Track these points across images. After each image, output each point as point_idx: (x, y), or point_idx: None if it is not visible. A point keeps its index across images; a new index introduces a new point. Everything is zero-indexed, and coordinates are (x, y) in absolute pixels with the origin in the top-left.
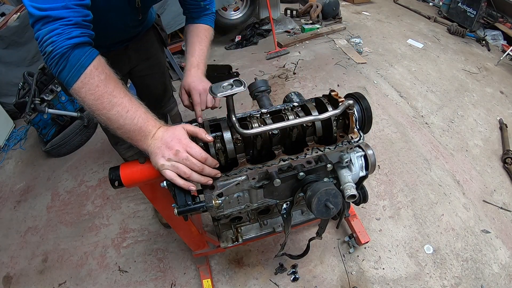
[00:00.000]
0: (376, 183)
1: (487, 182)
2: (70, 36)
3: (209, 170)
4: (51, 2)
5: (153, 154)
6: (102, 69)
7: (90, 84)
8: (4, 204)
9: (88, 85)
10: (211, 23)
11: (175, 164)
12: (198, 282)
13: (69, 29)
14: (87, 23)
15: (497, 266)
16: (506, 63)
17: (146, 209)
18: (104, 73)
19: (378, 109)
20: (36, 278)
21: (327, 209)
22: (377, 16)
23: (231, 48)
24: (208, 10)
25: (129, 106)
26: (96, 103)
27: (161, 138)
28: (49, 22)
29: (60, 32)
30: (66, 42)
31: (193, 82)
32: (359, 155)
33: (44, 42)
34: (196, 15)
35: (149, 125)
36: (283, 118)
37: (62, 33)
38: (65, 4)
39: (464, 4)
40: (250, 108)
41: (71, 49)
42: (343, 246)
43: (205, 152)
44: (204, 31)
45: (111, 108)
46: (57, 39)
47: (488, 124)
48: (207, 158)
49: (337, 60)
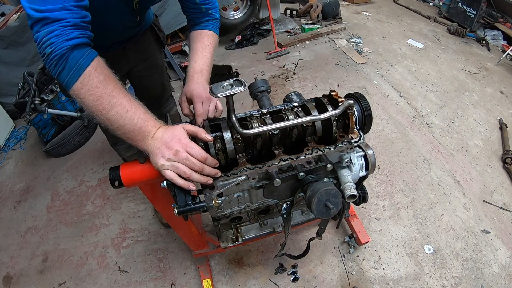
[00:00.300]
0: (376, 183)
1: (487, 182)
2: (69, 37)
3: (209, 170)
4: (49, 4)
5: (153, 154)
6: (101, 70)
7: (89, 85)
8: (4, 204)
9: (87, 86)
10: (214, 29)
11: (175, 164)
12: (198, 282)
13: (67, 30)
14: (85, 24)
15: (497, 266)
16: (506, 63)
17: (146, 209)
18: (103, 74)
19: (378, 109)
20: (36, 278)
21: (327, 209)
22: (377, 16)
23: (231, 48)
24: (211, 16)
25: (128, 106)
26: (96, 104)
27: (160, 138)
28: (47, 23)
29: (59, 33)
30: (65, 43)
31: (196, 89)
32: (359, 155)
33: (43, 44)
34: (198, 21)
35: (148, 125)
36: (283, 118)
37: (61, 34)
38: (64, 6)
39: (464, 4)
40: (250, 108)
41: (70, 51)
42: (343, 246)
43: (205, 151)
44: (207, 37)
45: (110, 108)
46: (56, 41)
47: (488, 124)
48: (207, 158)
49: (337, 60)
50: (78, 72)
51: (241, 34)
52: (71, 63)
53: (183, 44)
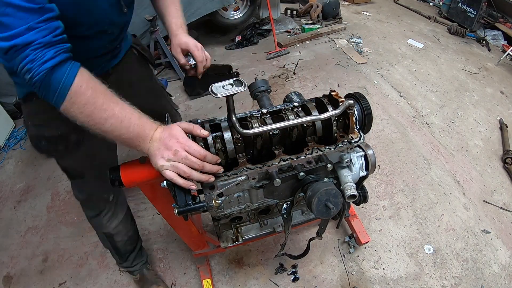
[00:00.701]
0: (376, 183)
1: (487, 182)
2: (44, 60)
3: (210, 167)
4: (13, 27)
5: (152, 156)
6: (87, 85)
7: (78, 103)
8: (4, 204)
9: (76, 105)
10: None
11: (175, 164)
12: (198, 282)
13: (40, 52)
14: (59, 38)
15: (497, 266)
16: (506, 63)
17: (146, 209)
18: (90, 89)
19: (378, 109)
20: (36, 278)
21: (327, 209)
22: (377, 16)
23: (231, 48)
24: None
25: (122, 115)
26: (88, 120)
27: (159, 139)
28: (18, 50)
29: (33, 58)
30: (41, 67)
31: (189, 40)
32: (359, 155)
33: (21, 71)
34: None
35: (145, 129)
36: (283, 118)
37: (34, 58)
38: (29, 26)
39: (464, 4)
40: (250, 108)
41: (49, 73)
42: (343, 246)
43: (204, 149)
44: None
45: (104, 122)
46: (32, 66)
47: (488, 124)
48: (206, 155)
49: (337, 60)
50: (63, 93)
51: (241, 34)
52: (54, 85)
53: None
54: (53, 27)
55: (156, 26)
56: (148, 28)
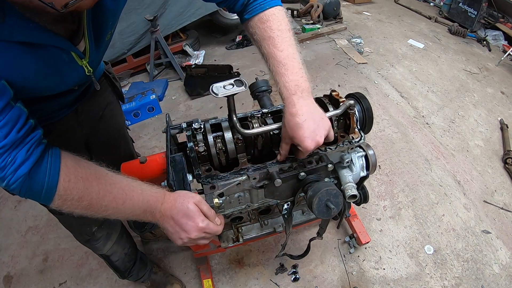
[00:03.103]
0: (377, 183)
1: (488, 182)
2: (16, 165)
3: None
4: None
5: (169, 233)
6: (75, 178)
7: (71, 200)
8: (5, 203)
9: (69, 201)
10: (277, 1)
11: (193, 241)
12: (198, 282)
13: (8, 156)
14: (25, 128)
15: (498, 267)
16: (507, 64)
17: None
18: (80, 180)
19: (379, 109)
20: (36, 278)
21: (328, 209)
22: (378, 16)
23: (232, 48)
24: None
25: (123, 197)
26: (87, 212)
27: (171, 217)
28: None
29: (3, 165)
30: (16, 174)
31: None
32: (360, 155)
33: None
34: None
35: (151, 204)
36: None
37: (5, 165)
38: None
39: (465, 4)
40: (251, 108)
41: (27, 178)
42: (344, 246)
43: (220, 225)
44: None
45: (105, 209)
46: (5, 174)
47: (489, 124)
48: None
49: (338, 60)
50: (50, 194)
51: (242, 34)
52: (37, 189)
53: (183, 44)
54: (14, 118)
55: (156, 26)
56: (149, 28)
